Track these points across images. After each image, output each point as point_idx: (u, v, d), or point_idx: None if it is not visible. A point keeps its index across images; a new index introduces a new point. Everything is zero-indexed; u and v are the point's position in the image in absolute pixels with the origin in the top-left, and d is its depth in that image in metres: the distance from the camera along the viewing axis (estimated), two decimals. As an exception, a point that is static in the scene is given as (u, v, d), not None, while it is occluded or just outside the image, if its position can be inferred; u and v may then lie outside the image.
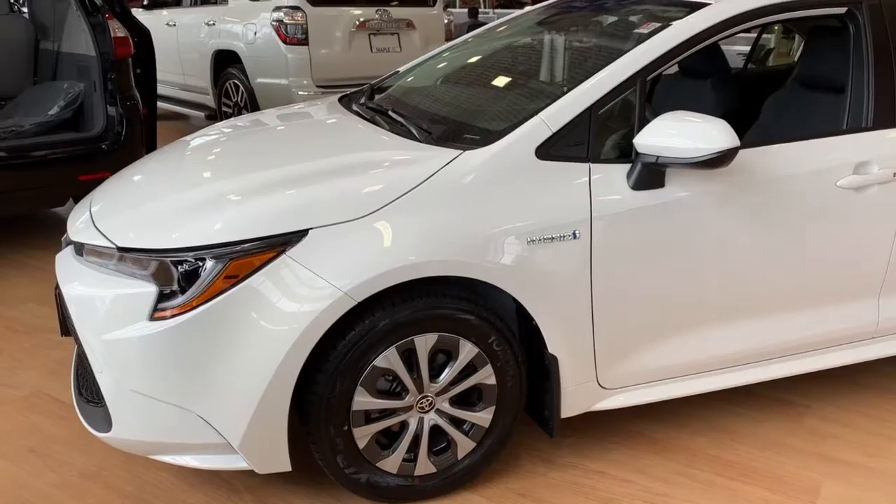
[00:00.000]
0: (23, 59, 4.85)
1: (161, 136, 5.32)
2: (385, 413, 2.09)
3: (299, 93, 6.35)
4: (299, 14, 6.29)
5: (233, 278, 1.90)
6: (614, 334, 2.23)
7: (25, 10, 5.03)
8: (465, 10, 15.08)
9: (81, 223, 2.24)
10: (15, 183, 4.00)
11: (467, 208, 2.02)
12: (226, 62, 7.08)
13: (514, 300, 2.10)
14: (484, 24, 6.93)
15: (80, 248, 2.18)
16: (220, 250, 1.90)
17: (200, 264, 1.91)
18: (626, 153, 2.20)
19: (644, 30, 2.42)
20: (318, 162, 2.20)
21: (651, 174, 2.15)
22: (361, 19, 6.61)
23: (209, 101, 7.52)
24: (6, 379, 2.84)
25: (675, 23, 2.32)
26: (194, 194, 2.13)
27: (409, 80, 3.10)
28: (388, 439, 2.13)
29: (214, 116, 7.36)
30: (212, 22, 7.16)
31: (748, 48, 5.29)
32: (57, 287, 2.25)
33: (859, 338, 2.60)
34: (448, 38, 7.10)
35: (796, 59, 3.19)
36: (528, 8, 3.34)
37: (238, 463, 2.00)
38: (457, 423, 2.17)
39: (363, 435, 2.07)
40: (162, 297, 1.94)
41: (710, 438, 2.52)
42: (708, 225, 2.23)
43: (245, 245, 1.91)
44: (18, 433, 2.50)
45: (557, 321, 2.15)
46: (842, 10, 2.54)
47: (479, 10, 15.60)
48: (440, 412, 2.15)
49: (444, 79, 2.96)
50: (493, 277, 2.04)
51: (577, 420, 2.50)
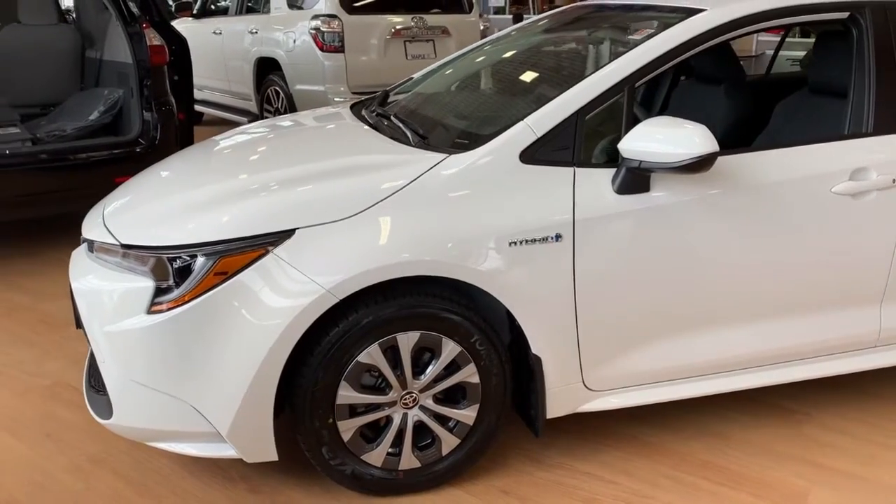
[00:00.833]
0: (70, 66, 5.10)
1: (200, 139, 5.52)
2: (369, 407, 2.16)
3: (335, 99, 6.49)
4: (336, 22, 6.44)
5: (222, 275, 2.00)
6: (599, 336, 2.26)
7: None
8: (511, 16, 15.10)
9: (93, 221, 2.38)
10: (56, 184, 4.22)
11: (449, 210, 2.09)
12: (267, 69, 7.28)
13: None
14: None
15: (91, 245, 2.31)
16: (211, 248, 2.01)
17: (192, 261, 2.02)
18: (613, 158, 2.23)
19: (638, 37, 2.44)
20: (311, 165, 2.29)
21: (635, 179, 2.17)
22: (397, 27, 6.73)
23: (252, 106, 7.74)
24: (33, 369, 3.01)
25: (664, 31, 2.34)
26: (193, 195, 2.25)
27: (418, 86, 3.17)
28: (373, 433, 2.21)
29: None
30: (255, 30, 7.38)
31: (801, 53, 5.19)
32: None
33: (860, 346, 2.56)
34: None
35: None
36: (536, 16, 3.39)
37: (228, 451, 2.10)
38: (441, 419, 2.23)
39: (347, 428, 2.15)
40: (159, 291, 2.05)
41: (702, 443, 2.52)
42: (694, 230, 2.24)
43: (234, 243, 2.01)
44: (38, 419, 2.65)
45: (540, 322, 2.19)
46: (844, 14, 2.53)
47: (524, 16, 15.61)
48: (424, 408, 2.21)
49: (448, 85, 3.03)
50: (475, 278, 2.09)
51: (570, 422, 2.54)
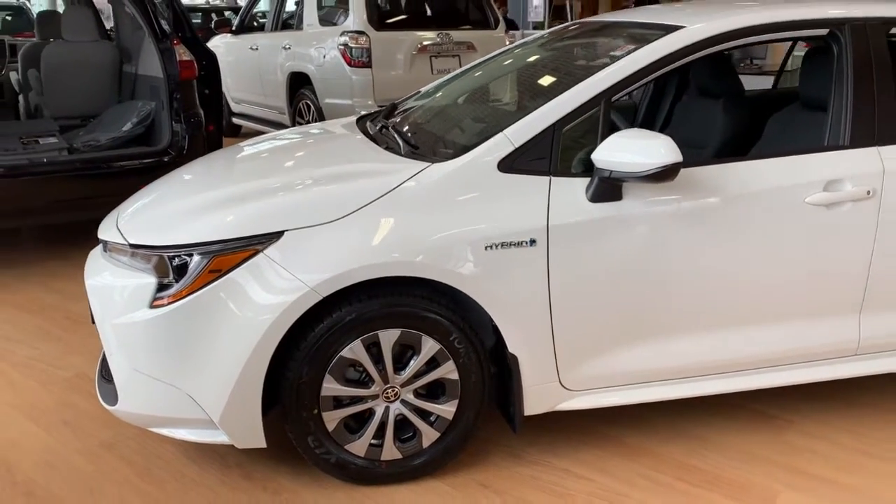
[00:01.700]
0: (108, 80, 5.39)
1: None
2: (353, 400, 2.30)
3: (362, 112, 6.68)
4: (363, 38, 6.65)
5: (216, 272, 2.16)
6: (575, 338, 2.36)
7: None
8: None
9: (108, 224, 2.57)
10: (89, 191, 4.48)
11: (428, 215, 2.22)
12: (299, 83, 7.53)
13: None
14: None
15: (105, 245, 2.51)
16: (206, 248, 2.18)
17: (189, 259, 2.19)
18: (589, 168, 2.33)
19: (620, 52, 2.55)
20: (304, 172, 2.46)
21: (607, 187, 2.28)
22: (423, 42, 6.91)
23: (286, 120, 8.00)
24: (57, 362, 3.23)
25: (642, 48, 2.44)
26: (195, 200, 2.42)
27: (424, 99, 3.32)
28: (357, 424, 2.34)
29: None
30: (288, 46, 7.64)
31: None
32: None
33: (840, 354, 2.61)
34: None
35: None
36: (534, 35, 3.51)
37: (220, 437, 2.26)
38: (422, 413, 2.36)
39: (332, 419, 2.29)
40: (161, 287, 2.23)
41: (682, 446, 2.60)
42: (666, 238, 2.34)
43: (227, 243, 2.17)
44: (57, 408, 2.86)
45: (517, 323, 2.30)
46: (824, 31, 2.60)
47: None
48: (405, 403, 2.34)
49: (448, 98, 3.17)
50: (452, 280, 2.22)
51: (552, 421, 2.64)
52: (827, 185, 2.43)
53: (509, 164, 2.30)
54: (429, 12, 7.45)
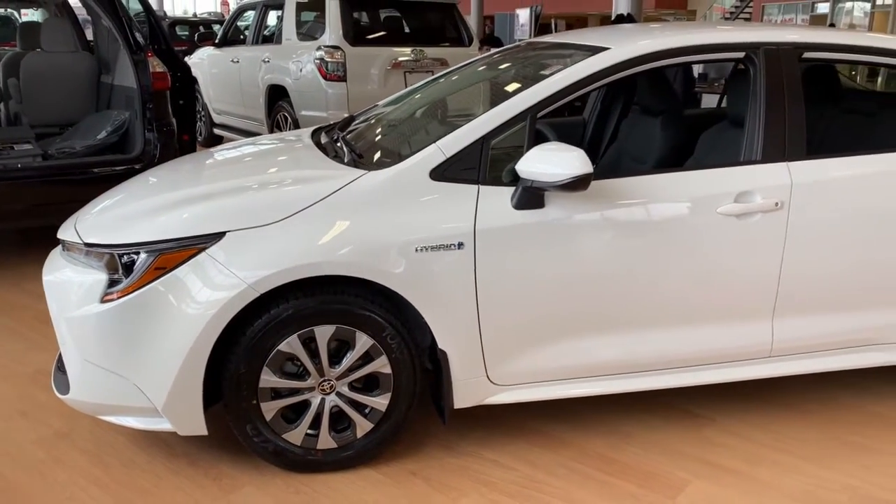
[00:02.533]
0: (86, 90, 5.54)
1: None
2: (290, 392, 2.46)
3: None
4: (339, 53, 6.84)
5: (162, 269, 2.32)
6: (501, 335, 2.53)
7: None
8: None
9: (67, 224, 2.72)
10: (62, 196, 4.62)
11: (362, 219, 2.39)
12: (278, 96, 7.71)
13: None
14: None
15: (64, 245, 2.66)
16: (152, 247, 2.34)
17: (137, 257, 2.35)
18: (517, 178, 2.51)
19: (547, 72, 2.74)
20: (251, 178, 2.63)
21: (530, 196, 2.45)
22: (398, 58, 7.11)
23: (264, 131, 8.17)
24: (21, 358, 3.37)
25: (569, 68, 2.63)
26: (150, 202, 2.59)
27: (378, 112, 3.50)
28: (294, 415, 2.49)
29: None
30: (267, 59, 7.83)
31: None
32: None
33: (755, 356, 2.79)
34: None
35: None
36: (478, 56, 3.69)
37: (164, 425, 2.41)
38: (356, 405, 2.51)
39: (270, 409, 2.44)
40: (111, 284, 2.38)
41: (606, 440, 2.76)
42: (585, 244, 2.51)
43: (172, 243, 2.33)
44: (16, 399, 2.99)
45: (445, 320, 2.47)
46: (740, 54, 2.80)
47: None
48: (340, 395, 2.49)
49: (399, 112, 3.34)
50: (384, 279, 2.39)
51: (487, 416, 2.81)
52: (738, 197, 2.61)
53: (441, 173, 2.47)
54: (404, 29, 7.66)
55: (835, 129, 3.48)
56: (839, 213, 2.70)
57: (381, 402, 2.52)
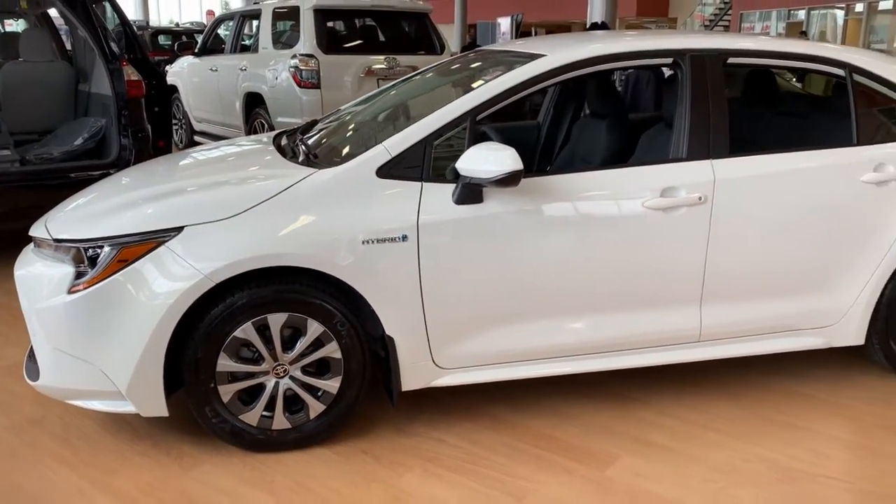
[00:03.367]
0: (63, 98, 5.70)
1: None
2: (246, 375, 2.63)
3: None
4: (313, 61, 7.04)
5: (124, 262, 2.50)
6: (444, 321, 2.71)
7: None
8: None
9: (39, 223, 2.89)
10: (40, 200, 4.75)
11: (311, 214, 2.57)
12: (255, 103, 7.90)
13: None
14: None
15: (35, 241, 2.83)
16: (115, 241, 2.51)
17: (101, 251, 2.52)
18: (458, 175, 2.70)
19: (488, 77, 2.94)
20: (210, 177, 2.81)
21: (469, 191, 2.64)
22: (371, 66, 7.31)
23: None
24: (-4, 352, 3.53)
25: (507, 73, 2.83)
26: (113, 200, 2.76)
27: (340, 116, 3.68)
28: (250, 397, 2.67)
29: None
30: (244, 67, 8.01)
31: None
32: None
33: (685, 340, 2.99)
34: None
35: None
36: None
37: (128, 407, 2.58)
38: (309, 388, 2.69)
39: (227, 392, 2.61)
40: (78, 276, 2.55)
41: (547, 421, 2.95)
42: (522, 236, 2.70)
43: (133, 237, 2.51)
44: (-8, 390, 3.16)
45: (391, 308, 2.65)
46: (668, 60, 3.01)
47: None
48: (294, 378, 2.67)
49: (356, 115, 3.53)
50: (333, 270, 2.57)
51: (436, 400, 3.00)
52: (663, 192, 2.82)
53: (386, 171, 2.66)
54: (378, 38, 7.87)
55: (771, 130, 3.69)
56: (759, 207, 2.91)
57: (332, 385, 2.70)
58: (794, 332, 3.07)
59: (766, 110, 3.74)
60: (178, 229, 2.51)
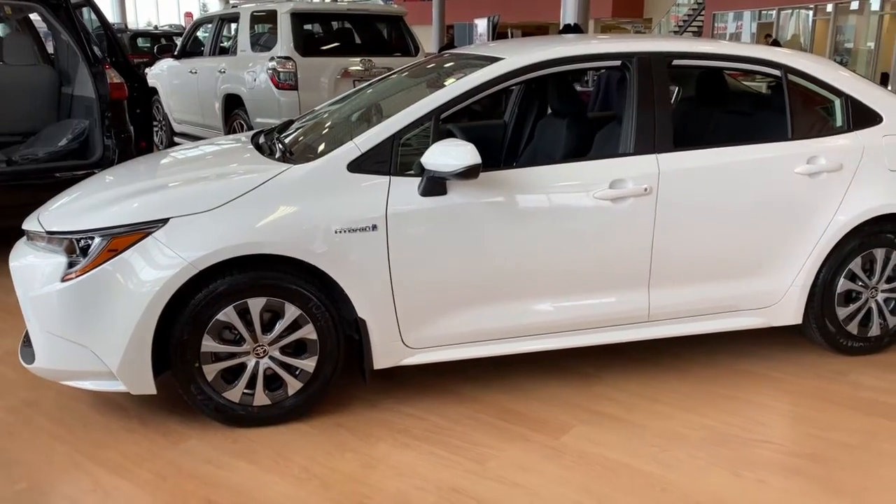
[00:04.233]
0: (47, 100, 5.88)
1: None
2: (228, 355, 2.85)
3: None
4: (290, 63, 7.24)
5: (114, 251, 2.71)
6: (412, 304, 2.94)
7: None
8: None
9: (31, 217, 3.09)
10: (27, 199, 4.92)
11: (287, 206, 2.79)
12: (234, 105, 8.08)
13: None
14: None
15: (28, 235, 3.03)
16: (105, 232, 2.72)
17: (92, 242, 2.73)
18: (423, 169, 2.93)
19: (452, 79, 3.18)
20: (193, 173, 3.02)
21: (434, 184, 2.88)
22: (347, 68, 7.53)
23: (222, 138, 8.52)
24: (-10, 342, 3.71)
25: (469, 75, 3.07)
26: (105, 195, 2.97)
27: (314, 116, 3.90)
28: (232, 376, 2.88)
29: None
30: (223, 70, 8.19)
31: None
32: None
33: (635, 321, 3.24)
34: (428, 84, 7.94)
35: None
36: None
37: (119, 386, 2.78)
38: (287, 367, 2.91)
39: (211, 371, 2.83)
40: (70, 265, 2.76)
41: (509, 395, 3.19)
42: (483, 225, 2.94)
43: (123, 228, 2.72)
44: (-13, 376, 3.35)
45: (363, 292, 2.88)
46: (617, 62, 3.26)
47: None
48: (273, 358, 2.89)
49: (331, 115, 3.75)
50: (308, 257, 2.79)
51: (406, 378, 3.22)
52: (612, 184, 3.07)
53: (357, 166, 2.89)
54: (354, 40, 8.09)
55: (719, 126, 3.96)
56: (701, 197, 3.17)
57: (308, 364, 2.92)
58: (736, 313, 3.34)
59: (716, 108, 4.00)
60: (164, 221, 2.72)
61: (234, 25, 8.40)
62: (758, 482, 2.60)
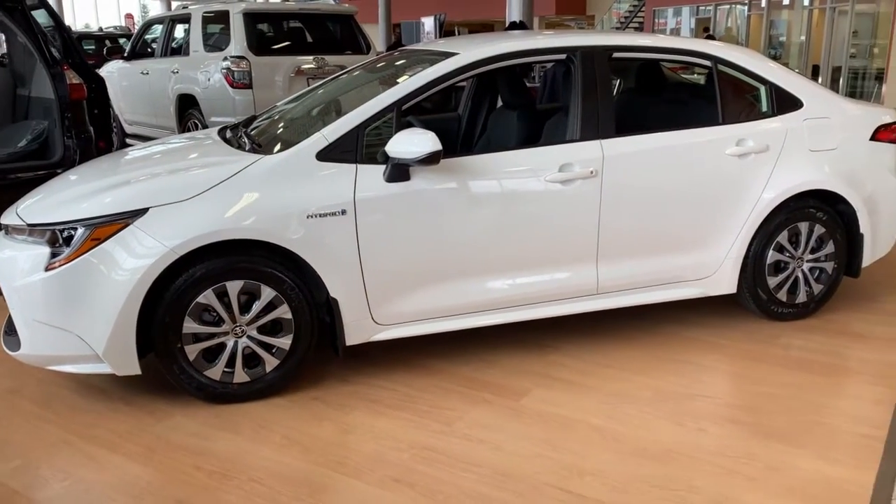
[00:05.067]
0: (2, 103, 5.90)
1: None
2: (209, 336, 3.02)
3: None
4: (244, 62, 7.37)
5: (97, 240, 2.86)
6: (380, 283, 3.16)
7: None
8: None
9: (9, 212, 3.21)
10: (-12, 200, 5.01)
11: (260, 193, 2.98)
12: (188, 105, 8.16)
13: None
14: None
15: (6, 229, 3.15)
16: (88, 222, 2.87)
17: (75, 232, 2.87)
18: (387, 157, 3.14)
19: (410, 73, 3.40)
20: (168, 165, 3.18)
21: (398, 171, 3.10)
22: (301, 66, 7.68)
23: (176, 138, 8.57)
24: (-35, 338, 3.79)
25: (426, 70, 3.29)
26: (81, 188, 3.11)
27: (278, 111, 4.08)
28: (213, 355, 3.06)
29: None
30: (176, 70, 8.26)
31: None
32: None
33: (585, 294, 3.51)
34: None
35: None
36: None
37: (104, 368, 2.94)
38: (265, 346, 3.10)
39: (192, 351, 3.00)
40: (54, 255, 2.90)
41: (473, 366, 3.43)
42: (444, 208, 3.17)
43: (104, 218, 2.87)
44: (-33, 368, 3.45)
45: (334, 273, 3.08)
46: (563, 56, 3.53)
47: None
48: (251, 337, 3.08)
49: (294, 109, 3.94)
50: (282, 241, 2.98)
51: (377, 354, 3.44)
52: (561, 168, 3.33)
53: (325, 155, 3.09)
54: (306, 39, 8.23)
55: (658, 114, 4.26)
56: (642, 178, 3.46)
57: (285, 342, 3.11)
58: (677, 284, 3.64)
59: (654, 97, 4.31)
60: (144, 210, 2.89)
61: (185, 26, 8.47)
62: (698, 430, 2.89)
